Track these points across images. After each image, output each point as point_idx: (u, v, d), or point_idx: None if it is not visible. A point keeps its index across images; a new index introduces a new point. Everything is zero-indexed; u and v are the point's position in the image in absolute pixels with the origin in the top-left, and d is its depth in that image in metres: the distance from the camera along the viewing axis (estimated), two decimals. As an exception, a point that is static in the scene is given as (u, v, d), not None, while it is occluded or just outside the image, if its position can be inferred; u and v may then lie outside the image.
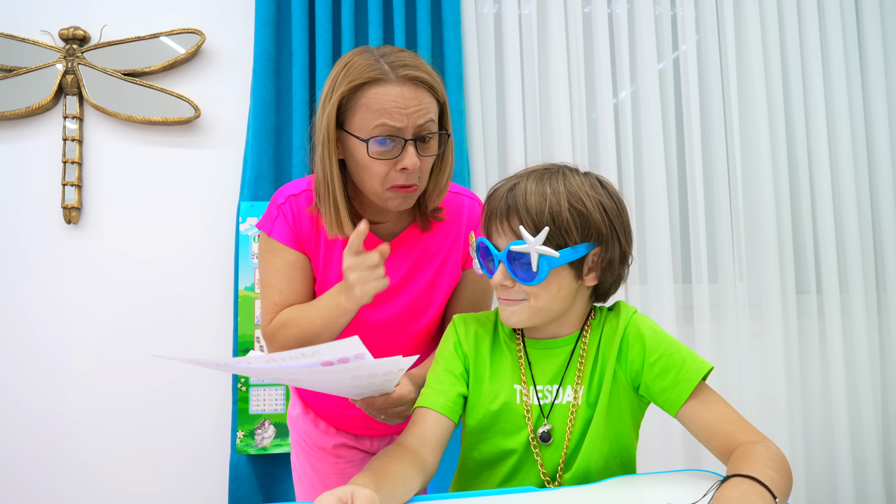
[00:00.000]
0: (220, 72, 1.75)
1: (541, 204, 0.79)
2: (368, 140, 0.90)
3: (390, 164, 0.91)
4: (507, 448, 0.87)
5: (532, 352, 0.90)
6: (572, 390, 0.86)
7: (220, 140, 1.75)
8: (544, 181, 0.82)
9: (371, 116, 0.90)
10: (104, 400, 1.67)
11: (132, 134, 1.73)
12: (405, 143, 0.91)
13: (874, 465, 1.91)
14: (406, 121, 0.90)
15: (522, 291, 0.81)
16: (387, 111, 0.89)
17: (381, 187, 0.93)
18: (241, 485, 1.58)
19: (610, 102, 1.86)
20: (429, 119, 0.92)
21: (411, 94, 0.91)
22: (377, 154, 0.91)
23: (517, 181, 0.83)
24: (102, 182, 1.72)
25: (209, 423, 1.68)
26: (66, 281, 1.68)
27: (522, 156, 1.81)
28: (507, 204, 0.81)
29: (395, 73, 0.91)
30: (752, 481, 0.65)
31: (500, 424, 0.87)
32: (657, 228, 1.84)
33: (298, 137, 1.66)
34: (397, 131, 0.90)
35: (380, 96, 0.90)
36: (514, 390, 0.88)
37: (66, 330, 1.67)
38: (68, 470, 1.64)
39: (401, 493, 0.72)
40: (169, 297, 1.70)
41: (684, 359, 0.83)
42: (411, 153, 0.91)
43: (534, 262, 0.78)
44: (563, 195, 0.80)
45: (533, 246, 0.77)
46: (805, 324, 1.95)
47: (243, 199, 1.65)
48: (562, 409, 0.86)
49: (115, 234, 1.71)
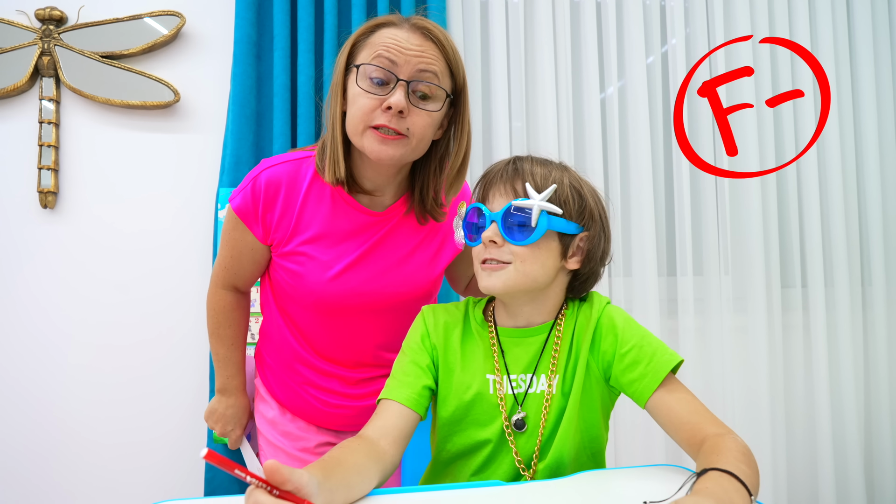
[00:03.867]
0: (200, 55, 1.72)
1: (546, 175, 0.83)
2: (359, 66, 0.90)
3: (377, 101, 0.89)
4: (482, 438, 0.86)
5: (505, 340, 0.89)
6: (546, 379, 0.86)
7: (199, 125, 1.72)
8: (545, 162, 0.87)
9: (372, 50, 0.91)
10: (79, 388, 1.64)
11: (110, 117, 1.70)
12: (397, 82, 0.89)
13: (855, 461, 1.91)
14: (403, 60, 0.89)
15: (510, 253, 0.81)
16: (386, 46, 0.90)
17: (361, 124, 0.91)
18: (217, 474, 1.56)
19: (597, 94, 1.84)
20: (431, 70, 0.91)
21: (417, 39, 0.91)
22: (365, 85, 0.90)
23: (514, 159, 0.87)
24: (79, 166, 1.68)
25: (185, 411, 1.66)
26: (41, 266, 1.65)
27: (507, 148, 1.79)
28: (514, 169, 0.84)
29: (408, 22, 0.93)
30: (730, 477, 0.64)
31: (474, 415, 0.86)
32: (642, 221, 1.83)
33: (279, 123, 1.63)
34: (392, 67, 0.89)
35: (386, 34, 0.91)
36: (486, 380, 0.87)
37: (40, 316, 1.64)
38: (43, 458, 1.62)
39: (355, 482, 0.70)
40: (146, 284, 1.68)
41: (654, 350, 0.83)
42: (399, 93, 0.89)
43: (534, 217, 0.80)
44: (565, 175, 0.85)
45: (537, 200, 0.80)
46: (790, 318, 1.95)
47: (222, 185, 1.62)
48: (535, 398, 0.86)
49: (91, 220, 1.68)
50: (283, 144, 1.63)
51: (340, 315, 1.03)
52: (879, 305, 1.97)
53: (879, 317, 1.97)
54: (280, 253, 1.02)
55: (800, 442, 1.93)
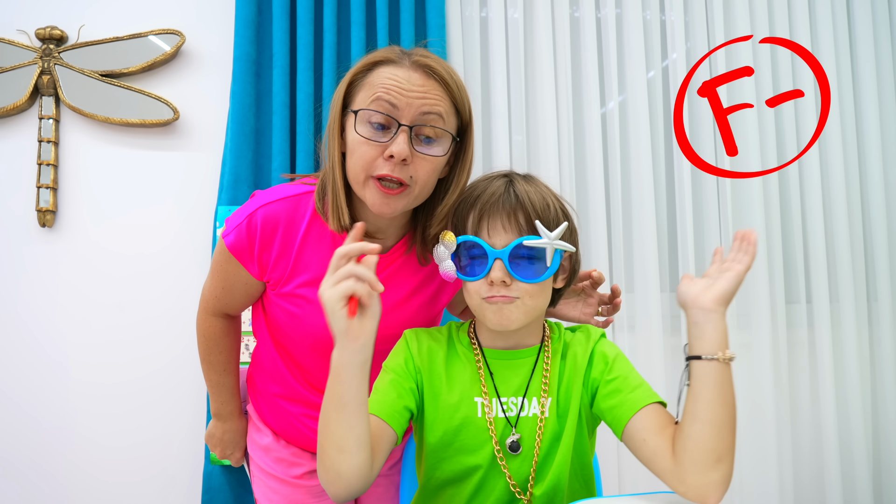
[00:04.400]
0: (199, 73, 1.72)
1: (543, 202, 0.81)
2: (358, 111, 0.83)
3: (378, 148, 0.83)
4: (472, 464, 0.84)
5: (493, 363, 0.87)
6: (538, 402, 0.84)
7: (199, 143, 1.71)
8: (529, 183, 0.84)
9: (370, 92, 0.84)
10: (76, 406, 1.63)
11: (109, 136, 1.70)
12: (398, 128, 0.82)
13: (864, 480, 1.88)
14: (405, 103, 0.82)
15: (518, 289, 0.79)
16: (386, 88, 0.83)
17: (362, 174, 0.84)
18: (215, 496, 1.54)
19: (598, 109, 1.83)
20: (435, 112, 0.84)
21: (419, 79, 0.84)
22: (365, 132, 0.83)
23: (504, 181, 0.83)
24: (78, 185, 1.68)
25: (183, 432, 1.64)
26: (39, 285, 1.64)
27: (508, 165, 1.78)
28: (513, 201, 0.80)
29: (408, 59, 0.86)
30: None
31: (463, 440, 0.84)
32: (644, 236, 1.81)
33: (278, 141, 1.62)
34: (393, 111, 0.83)
35: (385, 74, 0.84)
36: (474, 403, 0.85)
37: (39, 334, 1.63)
38: (38, 476, 1.60)
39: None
40: (144, 302, 1.67)
41: (639, 385, 0.82)
42: (401, 140, 0.82)
43: (549, 258, 0.79)
44: (551, 196, 0.84)
45: (552, 241, 0.79)
46: (794, 334, 1.92)
47: (221, 204, 1.62)
48: (528, 420, 0.84)
49: (90, 238, 1.67)
50: (282, 162, 1.62)
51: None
52: (886, 321, 1.95)
53: (886, 333, 1.94)
54: (278, 293, 0.98)
55: (806, 461, 1.90)
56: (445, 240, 0.83)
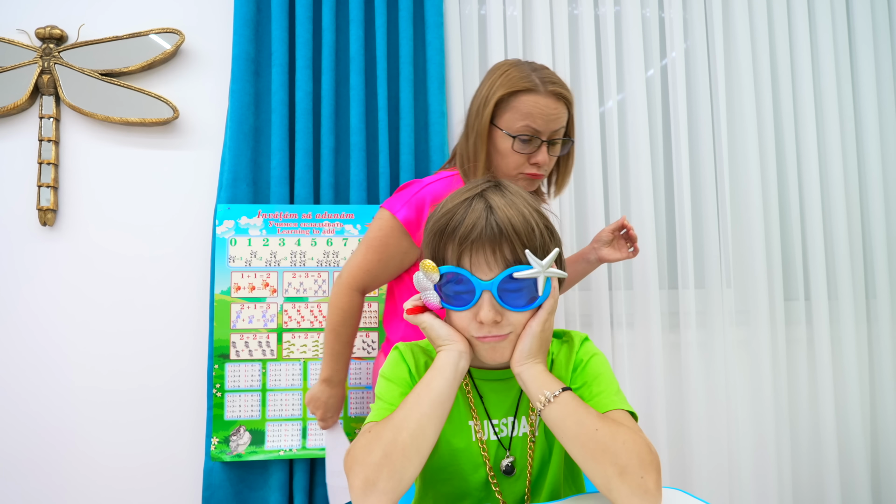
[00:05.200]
0: (199, 72, 1.73)
1: (527, 227, 0.75)
2: (515, 137, 1.18)
3: (525, 157, 1.20)
4: (466, 489, 0.83)
5: (482, 385, 0.85)
6: (527, 421, 0.84)
7: (198, 141, 1.72)
8: (506, 201, 0.77)
9: (519, 118, 1.18)
10: (76, 404, 1.64)
11: (109, 135, 1.70)
12: (540, 144, 1.19)
13: (862, 476, 1.88)
14: (545, 126, 1.18)
15: (509, 324, 0.76)
16: (532, 116, 1.17)
17: (514, 172, 1.22)
18: (215, 492, 1.55)
19: (596, 108, 1.83)
20: (561, 127, 1.21)
21: (553, 105, 1.18)
22: (519, 149, 1.19)
23: (482, 206, 0.76)
24: (79, 184, 1.69)
25: (183, 428, 1.65)
26: (40, 284, 1.65)
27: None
28: (495, 233, 0.74)
29: (544, 87, 1.18)
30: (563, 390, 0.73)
31: (458, 464, 0.83)
32: (643, 233, 1.81)
33: (277, 139, 1.63)
34: (536, 133, 1.18)
35: (529, 103, 1.17)
36: (468, 427, 0.84)
37: (39, 334, 1.64)
38: (37, 474, 1.61)
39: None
40: (145, 301, 1.67)
41: (601, 391, 0.79)
42: (544, 152, 1.20)
43: (541, 286, 0.75)
44: (533, 213, 0.78)
45: (544, 270, 0.75)
46: (793, 331, 1.92)
47: (220, 202, 1.62)
48: (519, 440, 0.84)
49: (90, 237, 1.68)
50: (281, 160, 1.63)
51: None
52: (884, 318, 1.95)
53: (884, 330, 1.95)
54: None
55: (805, 457, 1.91)
56: (426, 270, 0.77)
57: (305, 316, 1.60)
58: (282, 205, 1.62)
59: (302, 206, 1.62)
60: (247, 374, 1.58)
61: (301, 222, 1.62)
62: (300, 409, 1.58)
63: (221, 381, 1.57)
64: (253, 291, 1.60)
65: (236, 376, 1.57)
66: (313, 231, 1.62)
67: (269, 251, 1.61)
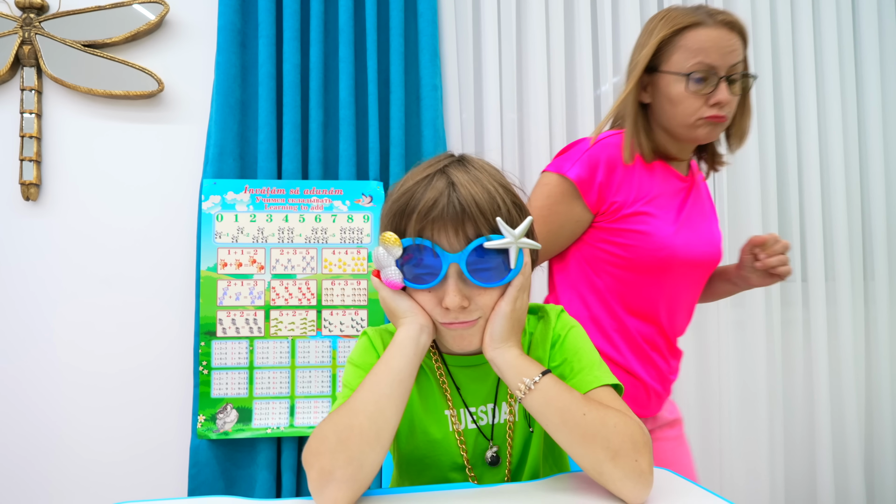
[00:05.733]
0: (184, 44, 1.68)
1: (492, 203, 0.70)
2: (688, 76, 1.02)
3: (703, 98, 1.03)
4: (444, 481, 0.80)
5: (457, 372, 0.80)
6: (507, 406, 0.79)
7: (184, 115, 1.68)
8: (470, 176, 0.71)
9: (689, 55, 1.02)
10: (61, 381, 1.61)
11: (93, 108, 1.66)
12: (718, 81, 1.02)
13: (855, 460, 1.87)
14: (720, 60, 1.02)
15: (478, 309, 0.71)
16: (704, 50, 1.01)
17: (692, 119, 1.04)
18: (202, 470, 1.54)
19: (591, 91, 1.79)
20: (739, 60, 1.04)
21: (727, 35, 1.02)
22: (694, 89, 1.03)
23: (444, 183, 0.70)
24: (62, 158, 1.65)
25: (170, 406, 1.63)
26: (23, 259, 1.62)
27: (498, 136, 1.74)
28: (457, 211, 0.68)
29: (712, 19, 1.03)
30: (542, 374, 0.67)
31: (435, 456, 0.80)
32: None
33: (264, 113, 1.59)
34: (712, 69, 1.02)
35: (699, 37, 1.02)
36: (445, 417, 0.79)
37: (23, 309, 1.62)
38: (23, 449, 1.59)
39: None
40: (130, 277, 1.65)
41: (582, 368, 0.75)
42: (723, 89, 1.02)
43: (513, 257, 0.70)
44: (498, 187, 0.72)
45: (518, 239, 0.69)
46: (789, 313, 1.90)
47: (206, 177, 1.59)
48: (501, 427, 0.80)
49: (75, 212, 1.65)
50: (269, 134, 1.59)
51: (677, 272, 1.05)
52: (882, 301, 1.93)
53: (882, 312, 1.93)
54: (617, 218, 1.04)
55: (798, 441, 1.89)
56: (387, 243, 0.70)
57: (293, 293, 1.58)
58: (269, 180, 1.59)
59: (290, 181, 1.59)
60: (234, 351, 1.56)
61: (289, 198, 1.58)
62: (288, 387, 1.56)
63: (208, 359, 1.55)
64: (240, 268, 1.57)
65: (223, 354, 1.55)
66: (301, 207, 1.59)
67: (257, 227, 1.58)
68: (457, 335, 0.72)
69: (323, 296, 1.58)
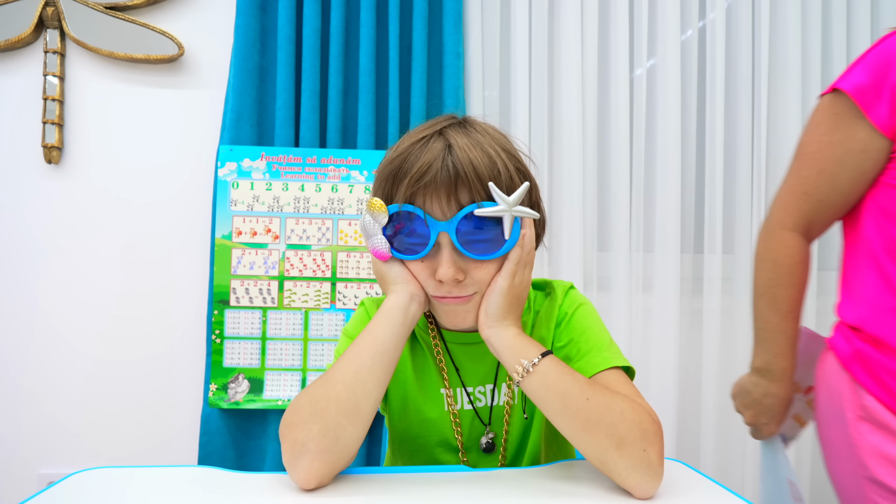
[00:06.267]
0: (204, 7, 1.65)
1: (492, 167, 0.64)
2: None
3: None
4: (437, 461, 0.76)
5: (455, 349, 0.75)
6: (507, 388, 0.74)
7: (203, 80, 1.66)
8: (471, 139, 0.66)
9: None
10: (77, 344, 1.63)
11: (114, 72, 1.65)
12: None
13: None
14: None
15: (473, 283, 0.65)
16: None
17: None
18: (212, 439, 1.53)
19: (626, 74, 1.69)
20: None
21: None
22: None
23: (441, 145, 0.65)
24: (83, 121, 1.65)
25: (181, 374, 1.63)
26: (45, 222, 1.63)
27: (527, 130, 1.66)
28: (451, 175, 0.63)
29: None
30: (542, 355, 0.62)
31: (427, 437, 0.75)
32: (667, 194, 1.70)
33: (283, 78, 1.55)
34: None
35: None
36: (440, 396, 0.74)
37: (42, 272, 1.63)
38: (37, 417, 1.62)
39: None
40: (148, 239, 1.64)
41: (590, 349, 0.69)
42: None
43: (507, 227, 0.63)
44: (500, 151, 0.66)
45: (511, 207, 0.63)
46: (825, 302, 1.80)
47: (223, 143, 1.57)
48: (499, 410, 0.74)
49: (95, 175, 1.64)
50: (287, 100, 1.55)
51: None
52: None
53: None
54: None
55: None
56: (373, 210, 0.65)
57: (308, 264, 1.55)
58: (286, 148, 1.55)
59: (307, 149, 1.55)
60: (247, 321, 1.54)
61: (305, 167, 1.55)
62: (300, 359, 1.54)
63: (221, 328, 1.54)
64: (255, 237, 1.55)
65: (236, 323, 1.54)
66: (318, 176, 1.55)
67: (272, 196, 1.55)
68: (450, 310, 0.67)
69: (338, 268, 1.55)
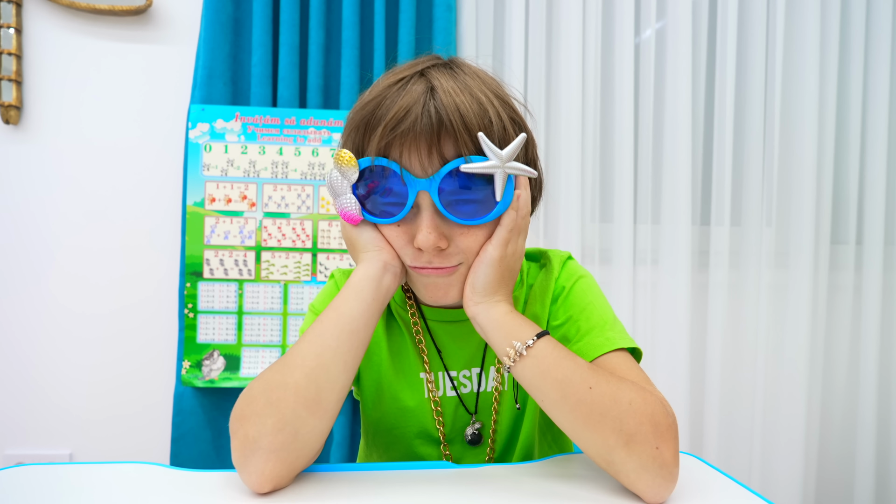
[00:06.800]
0: (173, -47, 1.52)
1: (482, 115, 0.54)
2: None
3: None
4: (416, 455, 0.67)
5: (437, 327, 0.65)
6: (496, 372, 0.65)
7: (173, 34, 1.53)
8: (458, 82, 0.55)
9: None
10: (43, 319, 1.52)
11: (76, 24, 1.52)
12: None
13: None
14: None
15: (459, 252, 0.56)
16: None
17: None
18: (186, 419, 1.44)
19: (631, 38, 1.57)
20: None
21: None
22: None
23: (423, 87, 0.54)
24: (43, 79, 1.52)
25: (153, 350, 1.53)
26: (6, 186, 1.52)
27: (522, 70, 1.55)
28: (433, 122, 0.53)
29: None
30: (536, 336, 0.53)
31: (405, 427, 0.66)
32: (676, 163, 1.59)
33: (259, 32, 1.43)
34: None
35: None
36: (420, 381, 0.65)
37: (5, 241, 1.52)
38: (7, 393, 1.52)
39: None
40: (115, 202, 1.53)
41: (590, 329, 0.60)
42: None
43: (499, 186, 0.53)
44: (492, 97, 0.56)
45: (504, 162, 0.53)
46: (838, 277, 1.70)
47: (194, 102, 1.45)
48: (487, 397, 0.65)
49: (58, 136, 1.52)
50: (263, 56, 1.43)
51: None
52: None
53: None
54: None
55: (839, 421, 1.72)
56: (341, 164, 0.55)
57: (287, 234, 1.44)
58: (263, 107, 1.43)
59: (285, 109, 1.43)
60: (221, 294, 1.44)
61: (284, 128, 1.43)
62: (279, 334, 1.44)
63: (194, 301, 1.43)
64: (229, 204, 1.43)
65: (210, 296, 1.44)
66: (297, 139, 1.44)
67: (248, 160, 1.43)
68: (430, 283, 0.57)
69: (319, 238, 1.45)
